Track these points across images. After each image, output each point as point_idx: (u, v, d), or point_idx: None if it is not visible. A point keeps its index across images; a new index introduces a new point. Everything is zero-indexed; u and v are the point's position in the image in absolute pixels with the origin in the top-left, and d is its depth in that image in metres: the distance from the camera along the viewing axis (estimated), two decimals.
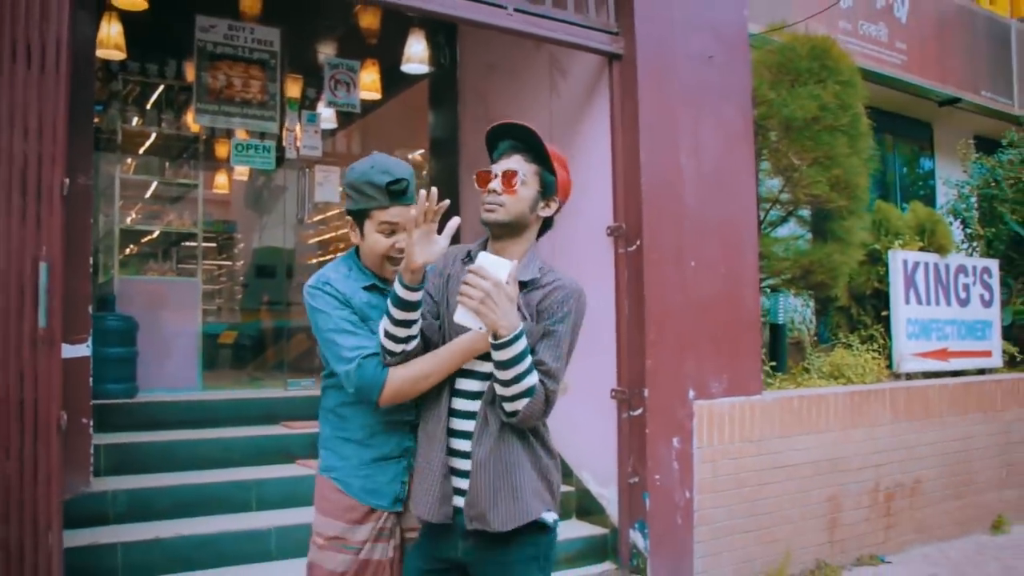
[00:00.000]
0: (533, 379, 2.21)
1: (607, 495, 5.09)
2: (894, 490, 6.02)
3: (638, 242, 4.86)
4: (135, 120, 6.91)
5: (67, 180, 3.55)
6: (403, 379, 2.30)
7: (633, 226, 4.91)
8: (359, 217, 2.43)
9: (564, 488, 5.24)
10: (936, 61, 9.18)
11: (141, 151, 7.16)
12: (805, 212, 6.57)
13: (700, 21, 5.19)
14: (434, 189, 2.20)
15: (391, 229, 2.40)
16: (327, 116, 7.91)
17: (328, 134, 8.90)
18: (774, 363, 6.24)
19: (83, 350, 4.25)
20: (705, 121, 5.16)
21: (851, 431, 5.77)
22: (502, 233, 2.35)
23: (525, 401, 2.20)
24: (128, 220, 6.39)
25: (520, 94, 6.03)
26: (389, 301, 2.25)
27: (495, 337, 2.14)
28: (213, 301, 8.04)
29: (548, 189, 2.38)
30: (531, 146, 2.39)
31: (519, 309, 2.24)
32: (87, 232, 4.35)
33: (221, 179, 7.74)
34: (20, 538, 3.33)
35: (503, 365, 2.17)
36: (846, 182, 5.74)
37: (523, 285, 2.30)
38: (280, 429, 5.43)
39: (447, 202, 2.23)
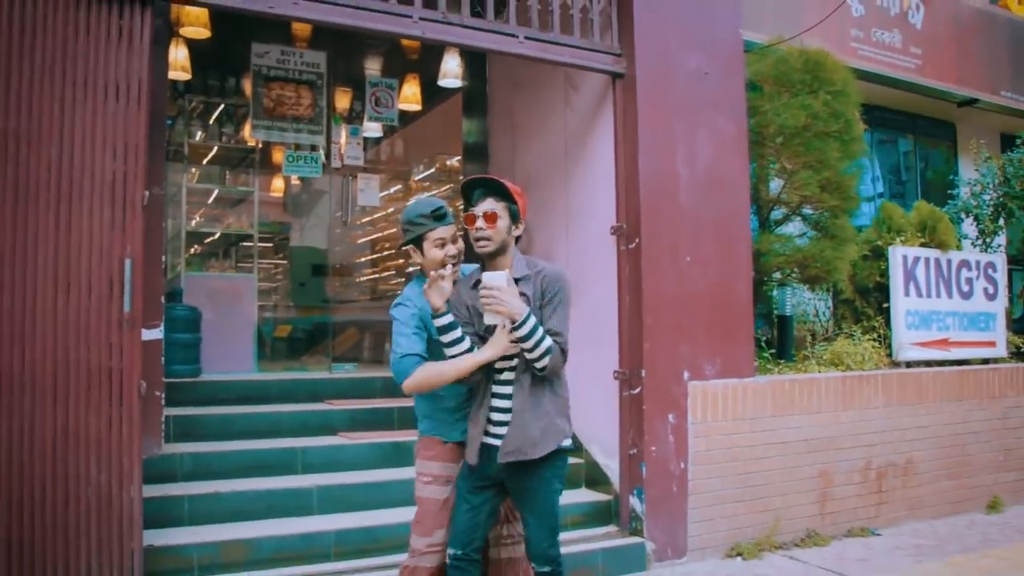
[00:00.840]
0: (548, 341, 3.18)
1: (611, 466, 5.69)
2: (886, 469, 6.47)
3: (637, 240, 5.46)
4: (199, 134, 7.71)
5: (147, 192, 4.29)
6: (421, 377, 3.25)
7: (633, 226, 5.51)
8: (418, 242, 3.35)
9: (575, 460, 5.93)
10: (953, 64, 9.49)
11: (204, 161, 7.97)
12: (808, 211, 7.05)
13: (696, 41, 5.76)
14: (443, 272, 3.22)
15: (442, 243, 3.34)
16: (373, 127, 8.66)
17: (373, 143, 9.66)
18: (774, 351, 6.75)
19: (157, 334, 4.98)
20: (700, 131, 5.72)
21: (842, 413, 6.25)
22: (492, 256, 3.29)
23: (548, 357, 3.18)
24: (193, 223, 7.18)
25: (539, 108, 6.65)
26: (435, 330, 3.25)
27: (513, 321, 3.12)
28: (268, 296, 8.84)
29: (515, 216, 3.32)
30: (497, 189, 3.30)
31: (523, 295, 3.21)
32: (160, 235, 5.07)
33: (274, 186, 8.55)
34: (109, 485, 4.09)
35: (526, 338, 3.15)
36: (837, 184, 6.24)
37: (522, 280, 3.26)
38: (324, 406, 6.14)
39: (449, 271, 3.26)
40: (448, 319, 3.23)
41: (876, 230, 7.56)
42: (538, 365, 3.21)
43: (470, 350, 3.27)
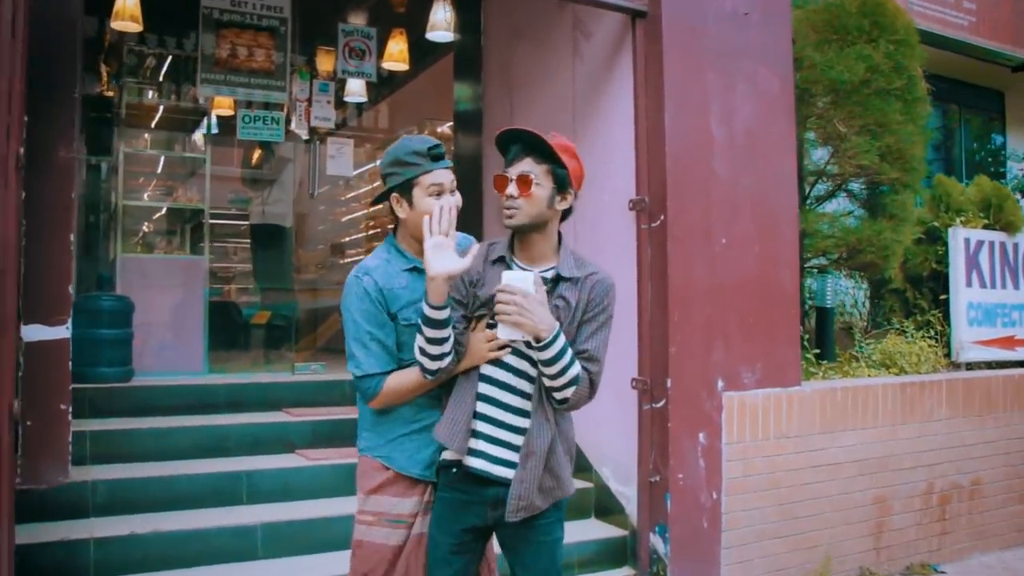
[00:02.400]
0: (576, 368, 2.40)
1: (627, 493, 4.71)
2: (949, 492, 5.51)
3: (662, 217, 4.43)
4: (142, 92, 6.66)
5: (22, 151, 3.28)
6: (392, 390, 2.53)
7: (657, 199, 4.48)
8: (406, 189, 2.55)
9: (583, 484, 4.98)
10: (1009, 22, 8.43)
11: (148, 124, 6.91)
12: (856, 186, 6.04)
13: None
14: (444, 205, 2.44)
15: (439, 191, 2.52)
16: (356, 89, 7.62)
17: (355, 108, 8.63)
18: (818, 351, 5.76)
19: (62, 332, 3.99)
20: (739, 85, 4.69)
21: (901, 427, 5.28)
22: (525, 231, 2.49)
23: (572, 389, 2.40)
24: (133, 196, 6.14)
25: (543, 60, 5.62)
26: (420, 320, 2.41)
27: (537, 340, 2.34)
28: (222, 282, 7.80)
29: (562, 183, 2.48)
30: (539, 146, 2.47)
31: (561, 299, 2.45)
32: (69, 208, 4.09)
33: (230, 153, 7.46)
34: None
35: (549, 362, 2.36)
36: (899, 152, 5.20)
37: (569, 281, 2.48)
38: (281, 416, 5.14)
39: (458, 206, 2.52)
40: (444, 314, 2.40)
41: (932, 209, 6.53)
42: (558, 396, 2.44)
43: (448, 354, 2.46)
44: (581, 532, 4.68)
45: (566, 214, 2.55)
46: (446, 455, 2.53)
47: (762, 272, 4.71)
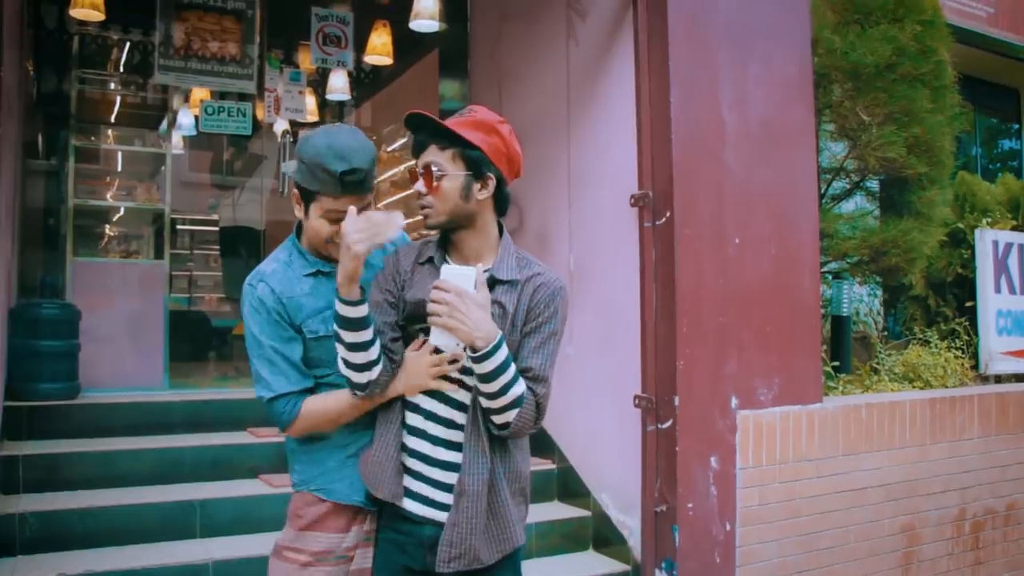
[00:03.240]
0: (520, 387, 2.03)
1: (629, 524, 4.23)
2: (984, 518, 5.06)
3: (668, 214, 3.95)
4: (100, 84, 6.19)
5: None
6: (311, 416, 2.18)
7: (662, 195, 3.99)
8: (306, 196, 2.17)
9: (579, 512, 4.53)
10: None
11: (106, 118, 6.44)
12: (873, 184, 5.59)
13: None
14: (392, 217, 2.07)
15: (337, 217, 2.11)
16: (339, 86, 7.17)
17: (337, 106, 8.19)
18: (836, 363, 5.29)
19: None
20: (752, 68, 4.21)
21: (930, 447, 4.82)
22: (449, 231, 2.14)
23: (515, 412, 2.03)
24: (87, 195, 5.66)
25: (534, 44, 5.17)
26: (335, 325, 2.05)
27: (473, 350, 1.97)
28: (185, 288, 7.30)
29: (477, 169, 2.08)
30: (441, 129, 2.08)
31: (496, 305, 2.07)
32: (4, 208, 3.61)
33: (192, 148, 6.98)
34: None
35: (486, 378, 1.99)
36: (927, 144, 4.75)
37: (506, 284, 2.11)
38: (245, 437, 4.67)
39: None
40: (362, 311, 2.02)
41: (955, 209, 6.07)
42: (497, 420, 2.05)
43: (375, 362, 2.07)
44: (577, 566, 4.28)
45: (503, 203, 2.17)
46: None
47: (779, 276, 4.23)
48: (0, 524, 3.59)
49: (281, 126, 6.36)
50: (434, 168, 2.05)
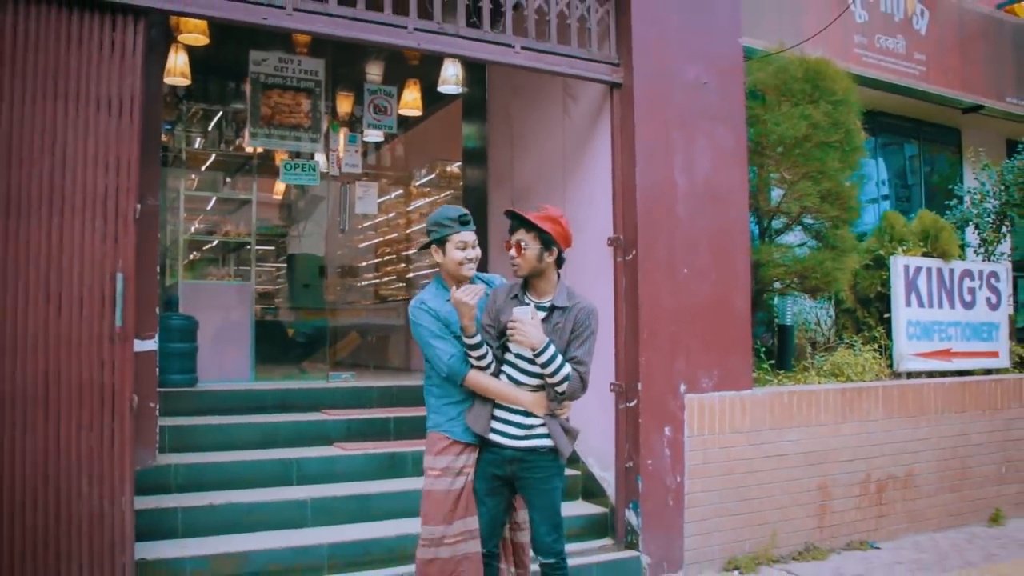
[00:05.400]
0: (567, 369, 3.54)
1: (607, 478, 5.66)
2: (886, 481, 6.43)
3: (634, 252, 5.43)
4: (198, 141, 7.71)
5: (139, 206, 4.28)
6: (474, 382, 3.67)
7: (630, 237, 5.47)
8: (442, 243, 3.66)
9: (572, 472, 5.89)
10: (958, 70, 9.38)
11: (203, 168, 7.95)
12: (810, 220, 6.99)
13: (695, 51, 5.72)
14: (477, 290, 3.57)
15: (464, 245, 3.65)
16: (374, 133, 8.63)
17: (374, 147, 9.65)
18: (773, 362, 6.70)
19: (151, 345, 4.97)
20: (698, 141, 5.69)
21: (842, 425, 6.22)
22: (528, 277, 3.66)
23: (566, 384, 3.54)
24: (193, 231, 7.15)
25: (538, 116, 6.62)
26: (464, 347, 3.61)
27: (533, 350, 3.48)
28: (265, 304, 8.83)
29: (547, 244, 3.60)
30: (527, 221, 3.59)
31: (557, 326, 3.57)
32: (154, 245, 5.06)
33: (272, 194, 8.53)
34: (100, 499, 4.07)
35: (546, 364, 3.50)
36: (837, 194, 6.19)
37: (561, 309, 3.61)
38: (320, 416, 6.12)
39: (475, 296, 3.54)
40: (477, 339, 3.59)
41: (878, 239, 7.51)
42: (558, 389, 3.56)
43: (490, 363, 3.66)
44: (570, 510, 5.58)
45: (560, 261, 3.67)
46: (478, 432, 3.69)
47: (718, 296, 5.70)
48: (161, 471, 5.05)
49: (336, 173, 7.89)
50: (523, 244, 3.57)
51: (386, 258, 10.23)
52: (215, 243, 7.67)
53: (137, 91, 4.26)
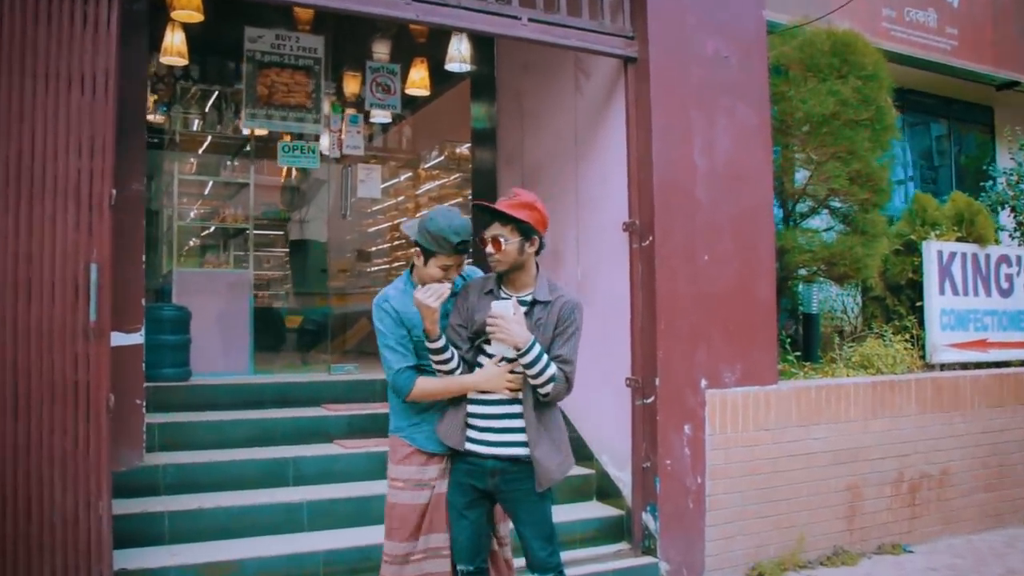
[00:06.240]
0: (553, 369, 3.15)
1: (623, 478, 5.34)
2: (919, 480, 6.08)
3: (650, 237, 5.08)
4: (195, 123, 7.39)
5: (114, 191, 3.96)
6: (421, 391, 3.30)
7: (646, 222, 5.12)
8: (427, 253, 3.25)
9: (585, 471, 5.60)
10: (991, 44, 8.97)
11: (199, 151, 7.64)
12: (837, 203, 6.63)
13: (715, 23, 5.35)
14: (442, 290, 3.17)
15: (444, 269, 3.26)
16: (380, 113, 8.32)
17: (380, 129, 9.32)
18: (799, 353, 6.35)
19: (136, 338, 4.69)
20: (719, 120, 5.32)
21: (873, 421, 5.87)
22: (507, 272, 3.27)
23: (551, 385, 3.16)
24: (188, 217, 6.86)
25: (549, 93, 6.27)
26: (428, 352, 3.24)
27: (517, 349, 3.11)
28: (264, 293, 8.53)
29: (526, 234, 3.22)
30: (501, 213, 3.18)
31: (539, 322, 3.20)
32: (139, 233, 4.77)
33: (270, 178, 8.22)
34: (75, 505, 3.79)
35: (530, 365, 3.13)
36: (867, 175, 5.82)
37: (543, 304, 3.25)
38: (321, 411, 5.83)
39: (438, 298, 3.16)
40: (440, 343, 3.23)
41: (909, 223, 7.13)
42: (541, 391, 3.19)
43: (456, 368, 3.29)
44: (584, 512, 5.34)
45: (541, 249, 3.29)
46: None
47: (741, 285, 5.34)
48: (148, 472, 4.77)
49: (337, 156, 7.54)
50: (501, 238, 3.17)
51: (395, 243, 9.90)
52: (212, 229, 7.36)
53: (112, 68, 3.94)
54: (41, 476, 3.72)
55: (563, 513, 5.23)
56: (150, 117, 7.45)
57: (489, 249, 3.22)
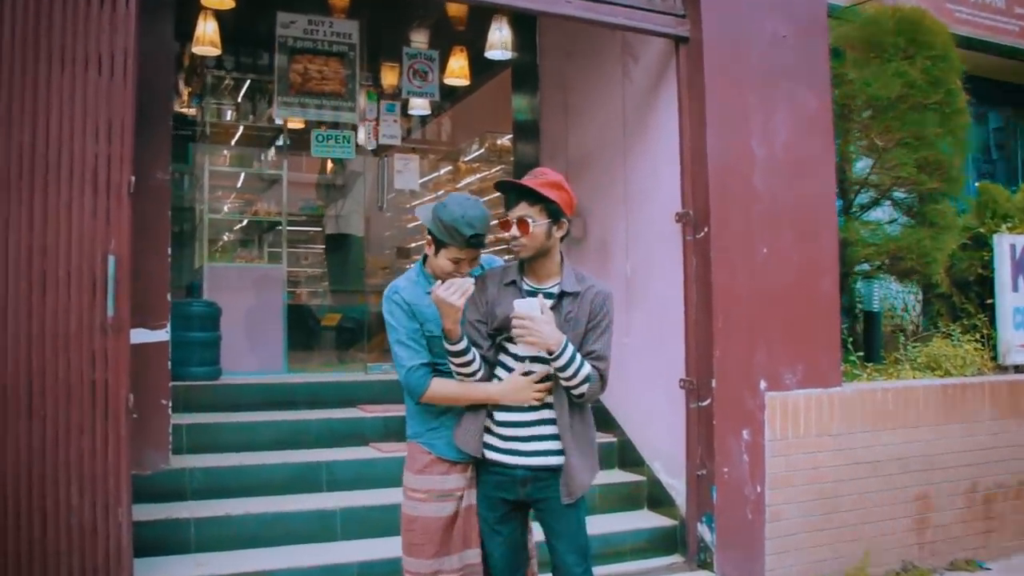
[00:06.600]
0: (587, 368, 2.85)
1: (677, 486, 5.02)
2: (995, 491, 5.66)
3: (706, 229, 4.74)
4: (228, 113, 7.19)
5: (133, 178, 3.73)
6: (437, 393, 2.97)
7: (701, 213, 4.79)
8: (438, 243, 2.93)
9: (635, 477, 5.34)
10: None
11: (230, 142, 7.44)
12: (901, 195, 6.23)
13: (772, 1, 4.99)
14: (465, 286, 2.82)
15: (456, 263, 2.93)
16: (419, 103, 8.07)
17: (418, 121, 9.07)
18: (862, 353, 5.97)
19: (162, 335, 4.47)
20: (778, 104, 4.97)
21: (944, 427, 5.46)
22: (531, 258, 2.93)
23: (586, 385, 2.86)
24: (217, 208, 6.66)
25: (594, 80, 5.96)
26: (447, 355, 2.90)
27: (549, 352, 2.80)
28: (298, 288, 8.31)
29: (555, 216, 2.90)
30: (529, 191, 2.87)
31: (569, 316, 2.89)
32: (165, 224, 4.56)
33: (305, 175, 8.00)
34: (93, 511, 3.56)
35: (563, 368, 2.82)
36: (937, 163, 5.41)
37: (572, 295, 2.92)
38: (356, 412, 5.57)
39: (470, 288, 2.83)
40: (462, 344, 2.89)
41: (977, 215, 6.67)
42: (575, 392, 2.89)
43: (477, 370, 2.95)
44: (634, 521, 5.04)
45: (565, 235, 2.97)
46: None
47: (802, 279, 4.98)
48: (175, 476, 4.54)
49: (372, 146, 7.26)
50: (528, 219, 2.83)
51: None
52: (244, 223, 7.15)
53: (131, 47, 3.71)
54: (57, 480, 3.50)
55: (612, 523, 4.99)
56: (183, 109, 7.31)
57: (514, 231, 2.88)
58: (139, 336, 4.36)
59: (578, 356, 2.83)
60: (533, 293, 2.93)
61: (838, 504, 5.04)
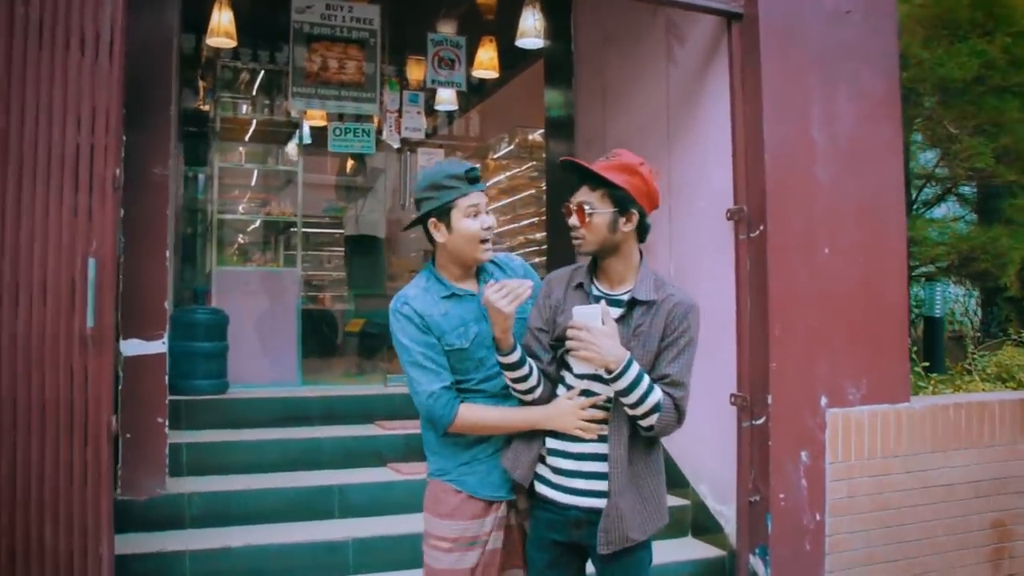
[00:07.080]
0: (657, 395, 2.35)
1: (726, 513, 4.53)
2: None
3: (761, 227, 4.25)
4: (236, 106, 6.81)
5: (119, 172, 3.35)
6: (467, 421, 2.49)
7: (756, 209, 4.29)
8: (444, 213, 2.51)
9: (679, 501, 4.83)
10: None
11: (242, 137, 7.05)
12: (967, 189, 5.72)
13: None
14: (522, 290, 2.38)
15: (476, 211, 2.50)
16: (446, 97, 7.66)
17: (445, 116, 8.66)
18: (927, 363, 5.45)
19: (159, 346, 4.08)
20: (841, 87, 4.46)
21: (1022, 445, 4.93)
22: (598, 256, 2.50)
23: (656, 416, 2.35)
24: (228, 208, 6.26)
25: (635, 65, 5.49)
26: (500, 368, 2.48)
27: (608, 371, 2.32)
28: (315, 293, 7.90)
29: (622, 205, 2.42)
30: (591, 172, 2.44)
31: (640, 330, 2.41)
32: (163, 225, 4.18)
33: (321, 165, 7.58)
34: (69, 547, 3.18)
35: (624, 392, 2.33)
36: (1018, 153, 4.88)
37: (645, 305, 2.43)
38: (374, 429, 5.13)
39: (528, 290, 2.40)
40: (514, 357, 2.44)
41: None
42: (643, 424, 2.39)
43: (536, 386, 2.49)
44: (677, 551, 4.55)
45: (644, 233, 2.51)
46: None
47: (868, 282, 4.47)
48: (171, 501, 4.13)
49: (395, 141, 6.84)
50: (586, 207, 2.40)
51: None
52: (256, 223, 6.74)
53: (119, 24, 3.32)
54: (28, 515, 3.13)
55: (654, 552, 4.48)
56: (195, 104, 6.94)
57: (572, 221, 2.46)
58: (132, 348, 4.02)
59: (646, 379, 2.34)
60: (600, 299, 2.47)
61: (905, 533, 4.53)
